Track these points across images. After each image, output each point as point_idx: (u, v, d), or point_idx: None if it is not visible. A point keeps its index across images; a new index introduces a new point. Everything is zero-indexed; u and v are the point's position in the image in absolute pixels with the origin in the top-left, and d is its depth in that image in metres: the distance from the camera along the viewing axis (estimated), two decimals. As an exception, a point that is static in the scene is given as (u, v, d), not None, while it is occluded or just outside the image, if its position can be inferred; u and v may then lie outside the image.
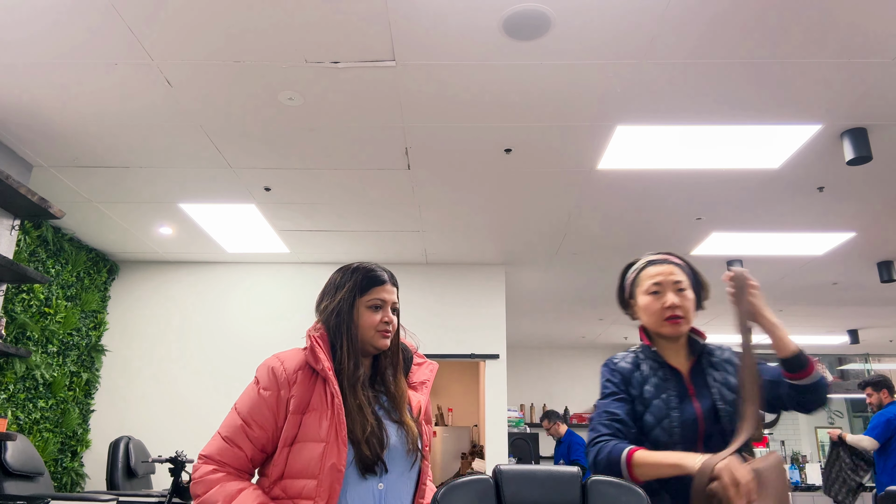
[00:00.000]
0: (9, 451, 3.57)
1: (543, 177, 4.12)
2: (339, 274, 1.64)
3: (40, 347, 4.80)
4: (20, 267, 3.74)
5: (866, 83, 3.07)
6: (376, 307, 1.58)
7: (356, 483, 1.46)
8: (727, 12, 2.61)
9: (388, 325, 1.58)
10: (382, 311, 1.58)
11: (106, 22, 2.70)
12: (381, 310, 1.58)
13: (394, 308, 1.62)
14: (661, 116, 3.38)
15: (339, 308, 1.56)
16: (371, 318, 1.57)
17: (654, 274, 1.74)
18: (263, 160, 3.94)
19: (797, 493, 6.69)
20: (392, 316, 1.60)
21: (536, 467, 1.52)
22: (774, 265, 5.75)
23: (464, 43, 2.82)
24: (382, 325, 1.57)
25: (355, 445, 1.45)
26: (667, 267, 1.74)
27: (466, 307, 5.80)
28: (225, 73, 3.05)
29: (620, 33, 2.75)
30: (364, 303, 1.57)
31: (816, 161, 3.84)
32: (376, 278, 1.60)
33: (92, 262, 5.48)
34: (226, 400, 5.45)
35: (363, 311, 1.57)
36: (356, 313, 1.57)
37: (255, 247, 5.53)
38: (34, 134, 3.65)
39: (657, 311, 1.71)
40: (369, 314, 1.57)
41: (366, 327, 1.56)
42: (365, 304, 1.57)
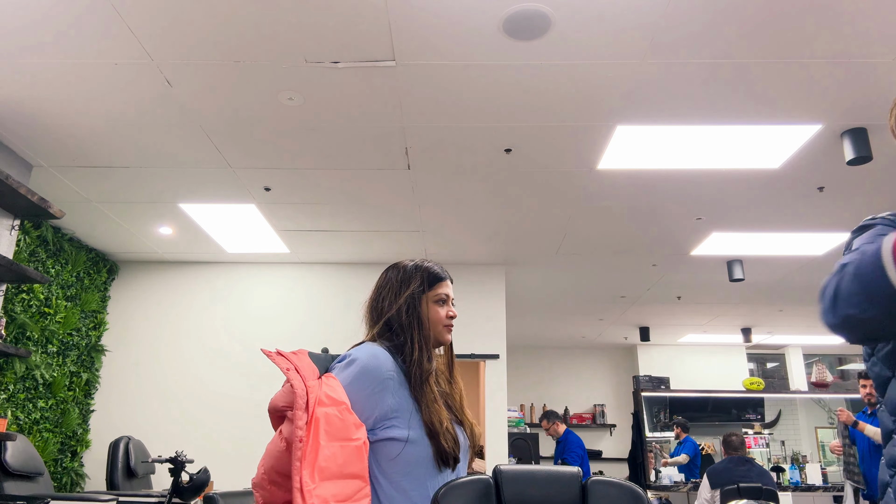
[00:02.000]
0: (9, 451, 3.57)
1: (543, 177, 4.12)
2: (396, 272, 1.63)
3: (40, 347, 4.80)
4: (20, 267, 3.74)
5: (866, 83, 3.07)
6: (442, 302, 1.60)
7: (433, 476, 1.45)
8: (727, 12, 2.61)
9: (453, 320, 1.61)
10: (447, 305, 1.61)
11: (106, 22, 2.70)
12: (445, 304, 1.60)
13: (453, 303, 1.65)
14: (661, 116, 3.38)
15: (409, 304, 1.56)
16: (438, 313, 1.58)
17: None
18: (263, 160, 3.94)
19: (797, 492, 6.69)
20: (455, 311, 1.63)
21: (536, 467, 1.52)
22: (774, 265, 5.74)
23: (464, 43, 2.82)
24: (448, 320, 1.59)
25: (433, 438, 1.44)
26: None
27: (466, 307, 5.80)
28: (225, 73, 3.05)
29: (620, 33, 2.75)
30: (431, 297, 1.59)
31: (816, 161, 3.84)
32: (439, 275, 1.62)
33: (92, 262, 5.48)
34: (226, 400, 5.45)
35: (431, 307, 1.58)
36: (425, 308, 1.57)
37: (255, 247, 5.53)
38: (34, 134, 3.65)
39: None
40: (436, 309, 1.59)
41: (434, 321, 1.58)
42: (432, 299, 1.59)
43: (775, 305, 7.11)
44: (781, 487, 6.48)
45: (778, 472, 6.71)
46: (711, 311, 7.41)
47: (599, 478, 1.49)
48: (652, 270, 5.97)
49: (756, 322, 7.82)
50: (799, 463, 7.26)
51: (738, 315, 7.48)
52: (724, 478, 4.90)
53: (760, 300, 6.84)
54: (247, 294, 5.83)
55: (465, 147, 3.74)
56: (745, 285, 6.23)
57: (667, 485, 6.75)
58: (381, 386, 1.43)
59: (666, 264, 5.78)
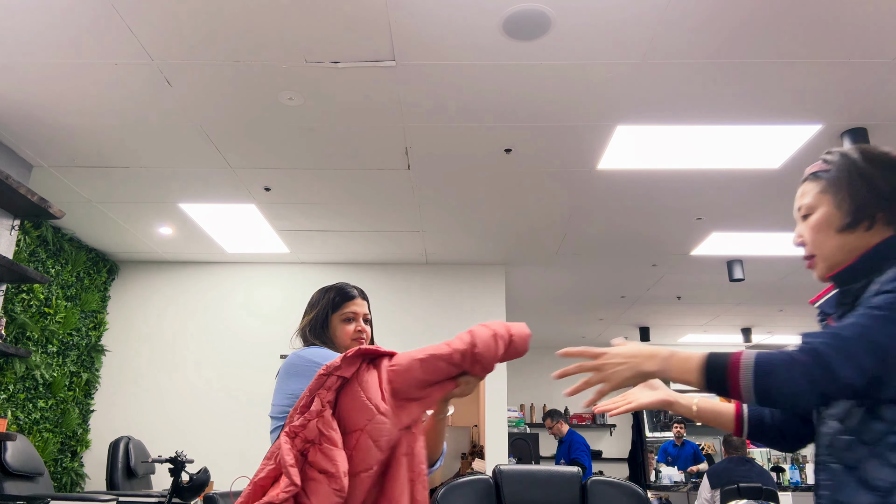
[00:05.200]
0: (9, 451, 3.57)
1: (543, 177, 4.12)
2: (314, 295, 1.85)
3: (40, 347, 4.80)
4: (20, 267, 3.74)
5: (866, 83, 3.07)
6: (349, 320, 1.79)
7: None
8: (727, 12, 2.61)
9: (362, 335, 1.79)
10: (356, 322, 1.80)
11: (106, 22, 2.70)
12: (353, 321, 1.79)
13: (366, 319, 1.83)
14: (661, 116, 3.38)
15: (313, 324, 1.78)
16: (346, 330, 1.78)
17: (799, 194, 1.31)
18: (263, 160, 3.94)
19: (797, 492, 6.69)
20: (364, 326, 1.81)
21: (536, 467, 1.52)
22: (774, 265, 5.74)
23: (464, 43, 2.82)
24: (356, 334, 1.78)
25: None
26: (801, 187, 1.29)
27: (466, 307, 5.80)
28: (225, 73, 3.05)
29: (620, 33, 2.74)
30: (339, 317, 1.79)
31: (816, 161, 3.83)
32: (347, 294, 1.81)
33: (92, 262, 5.48)
34: (225, 399, 5.45)
35: (339, 325, 1.78)
36: (333, 326, 1.78)
37: (255, 247, 5.53)
38: (34, 134, 3.64)
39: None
40: (344, 327, 1.78)
41: (341, 338, 1.77)
42: (339, 318, 1.79)
43: (775, 305, 7.10)
44: (781, 487, 6.48)
45: (778, 472, 6.71)
46: (711, 311, 7.41)
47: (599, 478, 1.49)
48: (652, 270, 5.97)
49: (756, 322, 7.82)
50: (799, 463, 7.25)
51: (738, 315, 7.48)
52: (725, 478, 4.90)
53: (760, 300, 6.84)
54: (247, 294, 5.83)
55: (465, 147, 3.74)
56: (745, 285, 6.22)
57: (667, 485, 6.75)
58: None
59: (666, 264, 5.77)
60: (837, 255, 1.17)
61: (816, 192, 1.21)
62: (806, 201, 1.23)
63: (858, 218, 1.16)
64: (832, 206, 1.18)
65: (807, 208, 1.22)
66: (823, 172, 1.22)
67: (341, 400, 1.40)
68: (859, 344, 1.01)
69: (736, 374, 1.06)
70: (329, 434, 1.34)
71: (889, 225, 1.15)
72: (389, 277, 5.86)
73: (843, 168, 1.19)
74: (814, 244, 1.20)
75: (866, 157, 1.18)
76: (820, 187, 1.21)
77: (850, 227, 1.16)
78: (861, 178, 1.16)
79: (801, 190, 1.25)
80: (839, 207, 1.17)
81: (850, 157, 1.19)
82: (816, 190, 1.21)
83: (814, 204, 1.21)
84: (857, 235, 1.16)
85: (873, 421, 1.06)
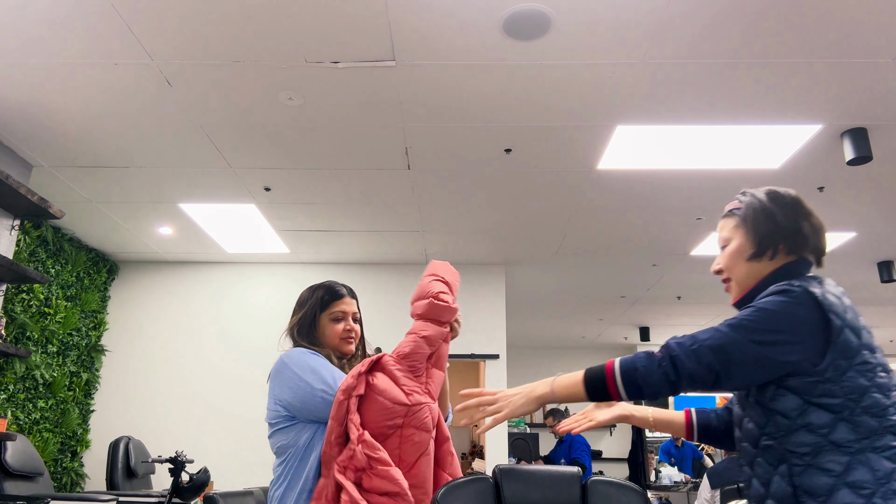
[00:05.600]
0: (9, 451, 3.57)
1: (543, 177, 4.12)
2: (303, 294, 1.82)
3: (40, 347, 4.80)
4: (20, 267, 3.74)
5: (866, 83, 3.07)
6: (338, 319, 1.77)
7: None
8: (727, 12, 2.61)
9: (351, 334, 1.77)
10: (345, 321, 1.77)
11: (106, 22, 2.70)
12: (343, 321, 1.77)
13: (355, 318, 1.81)
14: (661, 116, 3.38)
15: (302, 324, 1.76)
16: (335, 330, 1.76)
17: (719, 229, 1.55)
18: (263, 160, 3.94)
19: (797, 493, 6.67)
20: (354, 325, 1.79)
21: (536, 467, 1.52)
22: (774, 265, 5.74)
23: (464, 43, 2.82)
24: (345, 334, 1.76)
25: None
26: (720, 222, 1.52)
27: (466, 307, 5.79)
28: (225, 73, 3.05)
29: (620, 33, 2.75)
30: (328, 316, 1.76)
31: (816, 161, 3.84)
32: (336, 293, 1.79)
33: (92, 262, 5.48)
34: (225, 399, 5.45)
35: (328, 324, 1.76)
36: (320, 325, 1.76)
37: (255, 247, 5.53)
38: (34, 134, 3.64)
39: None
40: (333, 326, 1.76)
41: (330, 337, 1.75)
42: (328, 317, 1.76)
43: (775, 305, 7.10)
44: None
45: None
46: (711, 311, 7.41)
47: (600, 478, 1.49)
48: (652, 270, 5.97)
49: (756, 322, 7.81)
50: (799, 463, 7.24)
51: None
52: (724, 478, 4.90)
53: (760, 300, 6.84)
54: (247, 294, 5.83)
55: (465, 147, 3.74)
56: (745, 285, 6.22)
57: (667, 485, 6.75)
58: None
59: (666, 264, 5.78)
60: (747, 280, 1.39)
61: (732, 226, 1.44)
62: (724, 234, 1.45)
63: (763, 248, 1.37)
64: (743, 239, 1.41)
65: (723, 240, 1.45)
66: (737, 210, 1.45)
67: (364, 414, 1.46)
68: (707, 345, 1.23)
69: (611, 379, 1.28)
70: (378, 456, 1.42)
71: (790, 254, 1.37)
72: (389, 277, 5.86)
73: (751, 207, 1.42)
74: (729, 270, 1.42)
75: (771, 197, 1.41)
76: (734, 223, 1.43)
77: (757, 256, 1.38)
78: (765, 214, 1.39)
79: (720, 224, 1.48)
80: (748, 240, 1.39)
81: (758, 197, 1.42)
82: (732, 225, 1.44)
83: (729, 237, 1.43)
84: (763, 263, 1.37)
85: (776, 416, 1.26)
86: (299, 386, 1.60)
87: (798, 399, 1.23)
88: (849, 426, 1.20)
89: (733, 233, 1.43)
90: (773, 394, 1.26)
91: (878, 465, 1.18)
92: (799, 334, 1.22)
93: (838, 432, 1.20)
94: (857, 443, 1.20)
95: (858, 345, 1.24)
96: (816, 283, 1.30)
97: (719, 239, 1.47)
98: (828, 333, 1.23)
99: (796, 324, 1.23)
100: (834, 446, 1.20)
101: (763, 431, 1.27)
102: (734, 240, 1.42)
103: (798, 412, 1.23)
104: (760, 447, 1.28)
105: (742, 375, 1.24)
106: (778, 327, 1.22)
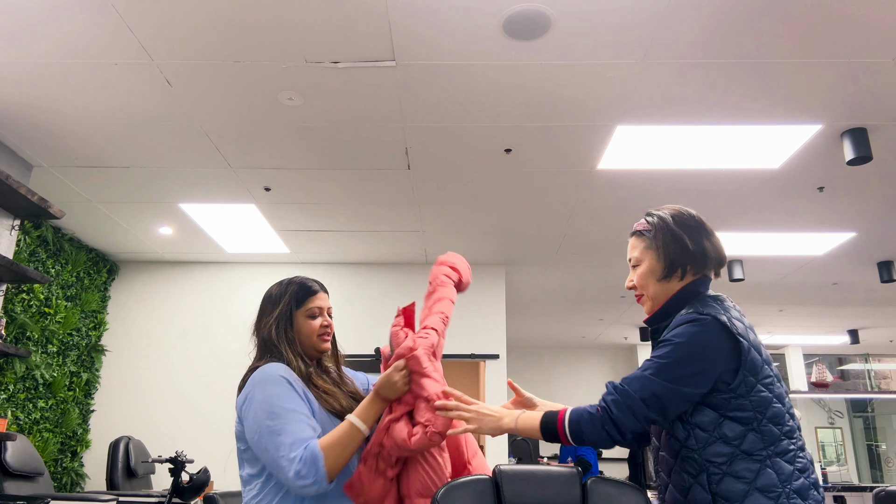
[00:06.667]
0: (9, 451, 3.57)
1: (543, 177, 4.12)
2: (270, 291, 1.76)
3: (40, 347, 4.80)
4: (20, 267, 3.74)
5: (866, 83, 3.07)
6: (314, 315, 1.72)
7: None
8: (727, 12, 2.61)
9: (328, 329, 1.73)
10: (321, 317, 1.73)
11: (106, 22, 2.70)
12: (319, 316, 1.72)
13: (329, 313, 1.77)
14: (661, 116, 3.38)
15: (278, 322, 1.69)
16: (311, 326, 1.71)
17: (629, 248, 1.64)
18: (263, 160, 3.94)
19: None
20: (329, 320, 1.75)
21: (536, 467, 1.52)
22: (774, 265, 5.74)
23: (464, 43, 2.82)
24: (322, 329, 1.72)
25: (340, 417, 1.61)
26: (630, 240, 1.62)
27: (466, 307, 5.79)
28: (225, 73, 3.05)
29: (620, 33, 2.74)
30: (303, 312, 1.71)
31: (816, 161, 3.84)
32: (310, 289, 1.74)
33: (92, 262, 5.48)
34: (225, 399, 5.45)
35: (304, 321, 1.71)
36: (298, 323, 1.71)
37: (255, 247, 5.53)
38: (34, 134, 3.64)
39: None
40: (309, 322, 1.71)
41: (307, 335, 1.70)
42: (304, 314, 1.71)
43: (775, 305, 7.10)
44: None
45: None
46: (711, 311, 7.39)
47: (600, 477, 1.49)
48: (652, 270, 5.96)
49: (756, 322, 7.82)
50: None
51: (738, 315, 7.46)
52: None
53: (760, 300, 6.84)
54: (247, 294, 5.83)
55: (465, 147, 3.74)
56: (745, 285, 6.22)
57: (667, 485, 6.74)
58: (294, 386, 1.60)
59: (666, 264, 5.77)
60: (659, 297, 1.53)
61: (642, 247, 1.55)
62: (635, 254, 1.57)
63: (672, 270, 1.50)
64: (654, 261, 1.53)
65: (635, 260, 1.56)
66: (647, 232, 1.55)
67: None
68: (640, 398, 1.36)
69: (561, 428, 1.43)
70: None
71: (696, 273, 1.51)
72: (389, 277, 5.86)
73: (660, 230, 1.53)
74: (642, 288, 1.55)
75: (677, 221, 1.52)
76: (644, 244, 1.55)
77: (667, 278, 1.51)
78: (674, 239, 1.51)
79: (631, 244, 1.59)
80: (658, 262, 1.52)
81: (667, 221, 1.53)
82: (642, 246, 1.55)
83: (640, 258, 1.55)
84: (673, 282, 1.51)
85: (695, 430, 1.39)
86: (260, 429, 1.53)
87: (714, 413, 1.36)
88: (757, 435, 1.34)
89: (644, 254, 1.54)
90: (693, 410, 1.39)
91: (780, 469, 1.32)
92: (713, 361, 1.35)
93: (748, 442, 1.34)
94: (764, 450, 1.33)
95: (761, 361, 1.38)
96: (720, 307, 1.43)
97: (630, 258, 1.58)
98: (738, 354, 1.36)
99: (710, 352, 1.36)
100: (745, 455, 1.33)
101: (684, 444, 1.39)
102: (645, 261, 1.54)
103: (714, 425, 1.36)
104: (681, 457, 1.39)
105: (675, 412, 1.38)
106: (694, 358, 1.36)
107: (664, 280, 1.51)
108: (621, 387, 1.39)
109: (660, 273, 1.51)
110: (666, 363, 1.37)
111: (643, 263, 1.54)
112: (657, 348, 1.43)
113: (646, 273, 1.53)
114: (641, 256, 1.55)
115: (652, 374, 1.37)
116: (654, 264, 1.52)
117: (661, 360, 1.38)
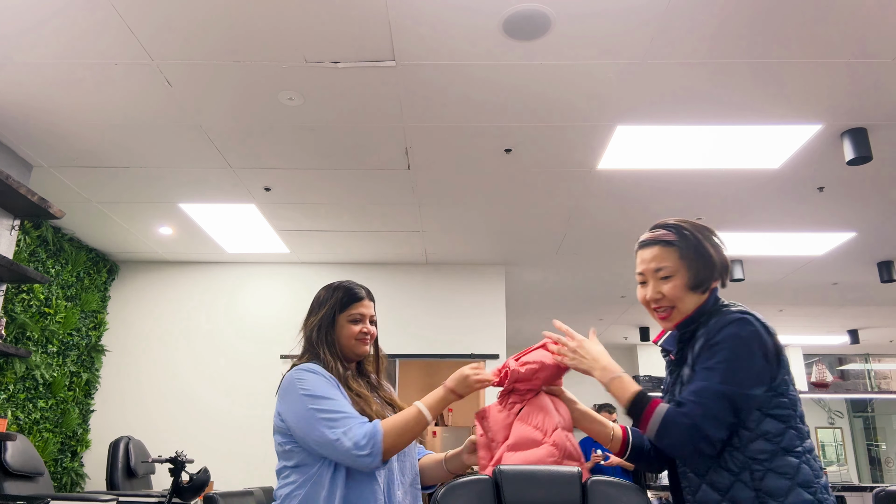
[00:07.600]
0: (9, 451, 3.57)
1: (543, 177, 4.12)
2: (319, 294, 1.84)
3: (40, 347, 4.80)
4: (20, 267, 3.74)
5: (866, 83, 3.07)
6: (356, 321, 1.79)
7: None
8: (727, 12, 2.61)
9: (367, 336, 1.80)
10: (362, 323, 1.80)
11: (106, 22, 2.70)
12: (360, 322, 1.80)
13: (372, 320, 1.84)
14: (661, 116, 3.38)
15: (320, 324, 1.77)
16: (352, 330, 1.78)
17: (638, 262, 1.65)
18: (263, 160, 3.94)
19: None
20: (370, 327, 1.82)
21: (536, 467, 1.52)
22: (774, 265, 5.74)
23: (464, 43, 2.82)
24: (361, 335, 1.79)
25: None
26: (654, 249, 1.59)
27: (466, 307, 5.80)
28: (225, 73, 3.05)
29: (620, 33, 2.74)
30: (345, 317, 1.78)
31: (816, 161, 3.84)
32: (355, 295, 1.81)
33: (92, 262, 5.48)
34: (225, 399, 5.45)
35: (346, 325, 1.78)
36: (340, 326, 1.78)
37: (255, 247, 5.53)
38: (34, 134, 3.64)
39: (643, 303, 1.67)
40: (350, 327, 1.78)
41: (347, 338, 1.77)
42: (346, 318, 1.78)
43: (775, 305, 7.10)
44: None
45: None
46: (711, 311, 7.39)
47: (600, 478, 1.49)
48: (652, 270, 5.96)
49: (756, 322, 7.80)
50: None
51: (738, 315, 7.45)
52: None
53: (760, 300, 6.84)
54: (247, 294, 5.83)
55: (465, 147, 3.74)
56: (745, 285, 6.22)
57: (667, 485, 6.75)
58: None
59: (666, 264, 5.77)
60: (689, 308, 1.53)
61: (675, 258, 1.54)
62: (667, 265, 1.55)
63: (702, 282, 1.53)
64: (685, 273, 1.53)
65: (668, 271, 1.55)
66: (674, 241, 1.55)
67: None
68: (718, 405, 1.37)
69: (649, 417, 1.44)
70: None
71: (714, 283, 1.55)
72: (389, 277, 5.86)
73: (692, 241, 1.54)
74: (673, 300, 1.54)
75: (703, 234, 1.56)
76: (677, 254, 1.54)
77: (696, 289, 1.53)
78: (702, 253, 1.54)
79: (654, 253, 1.57)
80: (689, 275, 1.53)
81: (695, 233, 1.56)
82: (675, 257, 1.54)
83: (674, 268, 1.54)
84: (699, 294, 1.53)
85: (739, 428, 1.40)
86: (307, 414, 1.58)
87: (757, 411, 1.39)
88: (794, 432, 1.38)
89: (678, 265, 1.54)
90: None
91: (812, 465, 1.37)
92: (766, 357, 1.40)
93: (787, 439, 1.37)
94: (800, 446, 1.37)
95: (787, 362, 1.44)
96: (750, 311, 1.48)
97: (659, 268, 1.56)
98: (777, 353, 1.42)
99: (763, 348, 1.40)
100: (785, 451, 1.36)
101: (728, 442, 1.40)
102: (679, 273, 1.53)
103: (756, 423, 1.38)
104: (723, 456, 1.40)
105: (749, 410, 1.39)
106: (753, 353, 1.39)
107: (695, 292, 1.52)
108: (700, 400, 1.38)
109: (691, 285, 1.52)
110: (725, 368, 1.38)
111: (676, 275, 1.53)
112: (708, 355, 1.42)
113: (680, 286, 1.53)
114: (675, 267, 1.54)
115: (719, 386, 1.38)
116: (686, 277, 1.53)
117: (721, 369, 1.38)
